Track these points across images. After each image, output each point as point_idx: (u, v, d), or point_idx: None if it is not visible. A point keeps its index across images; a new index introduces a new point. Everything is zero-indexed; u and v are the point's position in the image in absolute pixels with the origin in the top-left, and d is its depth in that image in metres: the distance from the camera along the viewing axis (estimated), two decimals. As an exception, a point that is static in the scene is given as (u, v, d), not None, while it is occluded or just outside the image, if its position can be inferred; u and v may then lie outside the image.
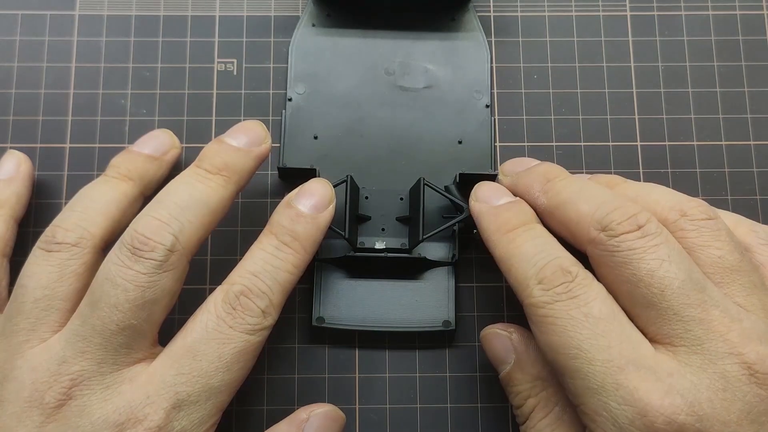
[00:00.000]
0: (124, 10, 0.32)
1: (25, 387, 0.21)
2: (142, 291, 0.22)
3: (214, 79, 0.31)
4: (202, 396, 0.21)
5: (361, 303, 0.28)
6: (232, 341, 0.22)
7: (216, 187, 0.24)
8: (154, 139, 0.28)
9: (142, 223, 0.22)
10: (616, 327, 0.21)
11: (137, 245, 0.22)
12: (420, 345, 0.29)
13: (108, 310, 0.21)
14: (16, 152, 0.28)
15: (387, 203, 0.28)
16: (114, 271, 0.22)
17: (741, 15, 0.32)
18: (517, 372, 0.25)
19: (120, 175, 0.26)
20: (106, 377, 0.21)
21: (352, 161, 0.30)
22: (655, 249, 0.21)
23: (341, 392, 0.28)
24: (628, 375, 0.20)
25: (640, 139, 0.31)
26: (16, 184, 0.27)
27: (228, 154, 0.25)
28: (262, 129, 0.26)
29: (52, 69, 0.31)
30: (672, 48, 0.32)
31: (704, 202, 0.23)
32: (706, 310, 0.20)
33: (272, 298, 0.23)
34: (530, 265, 0.22)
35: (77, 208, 0.24)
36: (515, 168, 0.27)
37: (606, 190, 0.24)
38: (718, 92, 0.31)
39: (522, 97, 0.31)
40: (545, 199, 0.25)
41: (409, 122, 0.30)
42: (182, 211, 0.23)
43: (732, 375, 0.20)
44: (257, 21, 0.32)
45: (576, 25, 0.32)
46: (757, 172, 0.30)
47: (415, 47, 0.31)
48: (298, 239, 0.24)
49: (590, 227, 0.22)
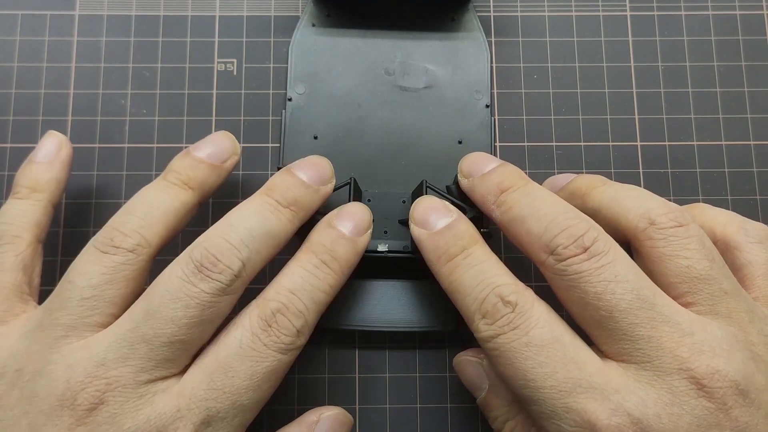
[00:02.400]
0: (124, 10, 0.32)
1: (58, 384, 0.21)
2: (202, 310, 0.21)
3: (214, 79, 0.31)
4: (230, 413, 0.21)
5: (362, 303, 0.28)
6: (265, 360, 0.22)
7: (285, 221, 0.24)
8: (216, 144, 0.26)
9: (213, 243, 0.22)
10: (559, 351, 0.21)
11: (206, 264, 0.22)
12: (420, 345, 0.29)
13: (163, 323, 0.21)
14: (57, 134, 0.27)
15: (389, 206, 0.28)
16: (177, 286, 0.21)
17: (741, 15, 0.32)
18: (493, 397, 0.25)
19: (180, 182, 0.25)
20: (140, 387, 0.21)
21: (352, 161, 0.30)
22: (601, 271, 0.21)
23: (341, 392, 0.28)
24: (577, 397, 0.20)
25: (640, 139, 0.31)
26: (56, 168, 0.26)
27: (299, 189, 0.24)
28: (328, 167, 0.25)
29: (52, 69, 0.31)
30: (672, 48, 0.32)
31: (676, 207, 0.23)
32: (655, 327, 0.20)
33: (308, 318, 0.23)
34: (472, 300, 0.22)
35: (137, 213, 0.24)
36: (472, 170, 0.26)
37: (558, 205, 0.23)
38: (718, 92, 0.31)
39: (522, 97, 0.31)
40: (498, 213, 0.24)
41: (409, 122, 0.30)
42: (253, 239, 0.23)
43: (680, 390, 0.20)
44: (257, 21, 0.32)
45: (576, 25, 0.32)
46: (757, 172, 0.30)
47: (415, 47, 0.31)
48: (337, 260, 0.24)
49: (540, 251, 0.22)
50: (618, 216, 0.23)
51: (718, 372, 0.20)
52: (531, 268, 0.29)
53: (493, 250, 0.24)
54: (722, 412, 0.19)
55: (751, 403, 0.20)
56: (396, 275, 0.28)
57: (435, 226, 0.24)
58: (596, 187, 0.25)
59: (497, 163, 0.25)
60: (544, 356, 0.21)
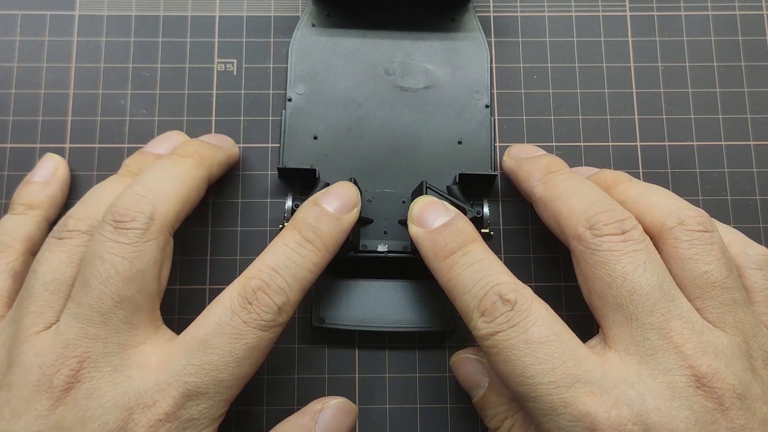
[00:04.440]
0: (124, 10, 0.32)
1: (32, 371, 0.21)
2: (130, 262, 0.22)
3: (214, 79, 0.31)
4: (211, 388, 0.22)
5: (362, 303, 0.28)
6: (244, 337, 0.22)
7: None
8: (153, 148, 0.29)
9: (124, 198, 0.23)
10: (558, 348, 0.21)
11: (117, 218, 0.23)
12: (420, 345, 0.29)
13: (101, 286, 0.22)
14: (55, 156, 0.29)
15: (389, 206, 0.29)
16: (100, 248, 0.22)
17: (741, 15, 0.32)
18: (493, 395, 0.25)
19: (127, 175, 0.27)
20: (112, 358, 0.21)
21: (351, 161, 0.30)
22: (633, 254, 0.22)
23: (341, 392, 0.28)
24: (576, 392, 0.20)
25: (640, 139, 0.31)
26: (52, 186, 0.28)
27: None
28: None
29: (52, 69, 0.31)
30: (672, 48, 0.32)
31: (704, 213, 0.23)
32: (668, 320, 0.21)
33: (290, 295, 0.23)
34: (471, 297, 0.22)
35: (89, 202, 0.25)
36: (520, 153, 0.28)
37: (601, 192, 0.24)
38: (717, 92, 0.31)
39: (522, 97, 0.31)
40: (542, 189, 0.25)
41: (408, 122, 0.30)
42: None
43: (680, 385, 0.20)
44: (257, 21, 0.32)
45: (576, 25, 0.32)
46: (756, 172, 0.30)
47: (415, 47, 0.31)
48: (321, 237, 0.24)
49: (578, 224, 0.23)
50: (644, 211, 0.24)
51: (718, 373, 0.20)
52: (531, 268, 0.29)
53: (493, 250, 0.24)
54: (719, 412, 0.20)
55: (747, 408, 0.20)
56: (396, 275, 0.28)
57: (433, 223, 0.24)
58: (623, 181, 0.26)
59: (545, 152, 0.29)
60: (543, 353, 0.21)
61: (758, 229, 0.30)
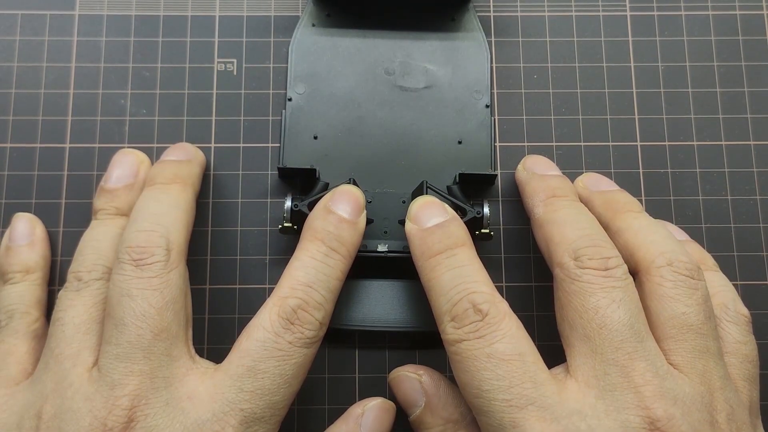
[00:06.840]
0: (124, 10, 0.32)
1: (83, 416, 0.21)
2: (161, 293, 0.22)
3: (214, 79, 0.31)
4: (266, 412, 0.22)
5: (362, 303, 0.28)
6: (292, 357, 0.22)
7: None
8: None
9: (135, 236, 0.23)
10: (519, 368, 0.21)
11: (136, 256, 0.23)
12: (420, 345, 0.29)
13: (137, 322, 0.21)
14: (25, 214, 0.29)
15: (389, 206, 0.29)
16: (125, 287, 0.22)
17: (741, 15, 0.32)
18: (428, 415, 0.25)
19: (111, 215, 0.26)
20: (162, 392, 0.21)
21: (351, 161, 0.30)
22: (610, 290, 0.22)
23: (341, 392, 0.28)
24: (527, 414, 0.20)
25: (640, 139, 0.31)
26: (39, 246, 0.28)
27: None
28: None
29: (52, 69, 0.31)
30: (672, 48, 0.32)
31: (696, 263, 0.23)
32: (633, 360, 0.21)
33: (327, 308, 0.23)
34: (445, 300, 0.22)
35: (88, 252, 0.25)
36: (534, 167, 0.28)
37: (597, 227, 0.24)
38: (718, 92, 0.31)
39: (522, 97, 0.31)
40: (542, 211, 0.25)
41: (409, 122, 0.30)
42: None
43: (632, 425, 0.20)
44: (257, 21, 0.32)
45: (576, 25, 0.32)
46: (756, 172, 0.30)
47: (415, 47, 0.31)
48: (345, 245, 0.24)
49: (565, 252, 0.23)
50: (639, 245, 0.24)
51: (673, 419, 0.20)
52: (531, 268, 0.29)
53: (493, 250, 0.24)
54: None
55: None
56: (396, 275, 0.28)
57: (427, 222, 0.24)
58: (631, 210, 0.26)
59: (559, 172, 0.28)
60: (503, 370, 0.21)
61: (758, 229, 0.30)
